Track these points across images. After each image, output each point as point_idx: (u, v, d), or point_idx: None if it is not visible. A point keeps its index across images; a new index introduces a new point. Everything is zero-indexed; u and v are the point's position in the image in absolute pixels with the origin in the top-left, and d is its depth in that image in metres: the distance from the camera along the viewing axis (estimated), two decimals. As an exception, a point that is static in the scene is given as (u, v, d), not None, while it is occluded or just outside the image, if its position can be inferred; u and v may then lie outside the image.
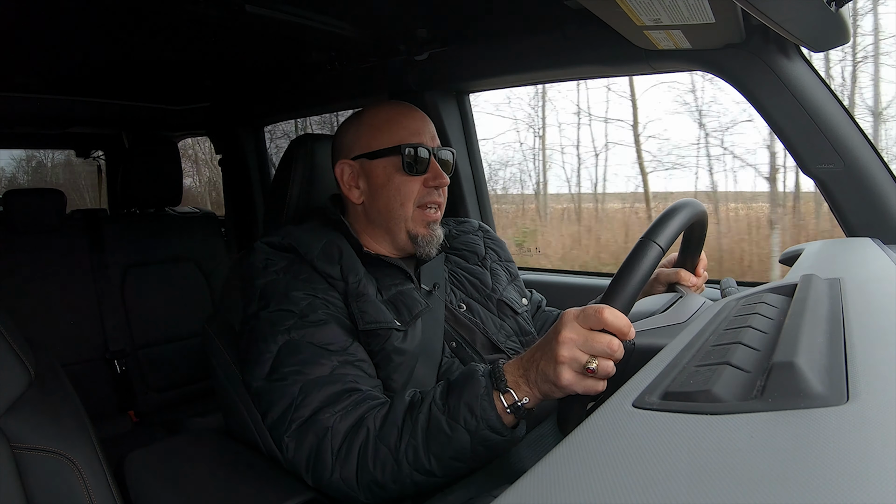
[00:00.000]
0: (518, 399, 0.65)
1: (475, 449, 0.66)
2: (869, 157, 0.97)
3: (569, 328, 0.62)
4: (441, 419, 0.67)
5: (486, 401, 0.65)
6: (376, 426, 0.71)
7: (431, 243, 0.93)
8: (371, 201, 0.93)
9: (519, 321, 1.00)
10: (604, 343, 0.61)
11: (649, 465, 0.28)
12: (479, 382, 0.67)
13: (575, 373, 0.62)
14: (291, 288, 0.83)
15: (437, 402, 0.68)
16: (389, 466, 0.69)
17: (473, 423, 0.65)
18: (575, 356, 0.61)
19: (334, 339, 0.80)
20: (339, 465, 0.71)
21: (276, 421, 0.76)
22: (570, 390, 0.62)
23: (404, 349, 0.83)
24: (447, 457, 0.67)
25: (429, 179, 0.91)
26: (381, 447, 0.69)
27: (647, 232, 0.68)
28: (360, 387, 0.77)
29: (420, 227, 0.92)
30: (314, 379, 0.76)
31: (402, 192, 0.91)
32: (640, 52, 1.05)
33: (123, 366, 1.86)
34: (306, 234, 0.90)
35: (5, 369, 0.67)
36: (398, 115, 0.93)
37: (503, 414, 0.65)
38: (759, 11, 0.72)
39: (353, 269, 0.87)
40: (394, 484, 0.69)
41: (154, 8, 1.11)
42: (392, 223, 0.92)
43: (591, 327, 0.62)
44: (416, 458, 0.68)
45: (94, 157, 2.62)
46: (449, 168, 0.96)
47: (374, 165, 0.92)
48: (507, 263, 1.09)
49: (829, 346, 0.40)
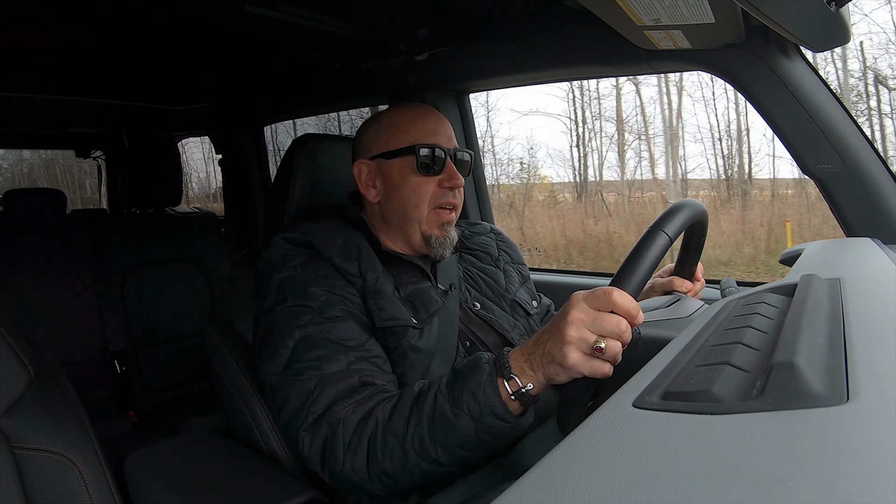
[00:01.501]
0: (522, 385, 0.64)
1: (480, 436, 0.66)
2: (869, 157, 0.97)
3: (577, 308, 0.62)
4: (445, 407, 0.67)
5: (489, 387, 0.65)
6: (385, 417, 0.71)
7: (445, 245, 0.93)
8: (387, 201, 0.93)
9: (530, 322, 1.01)
10: (612, 323, 0.60)
11: (649, 464, 0.28)
12: (483, 369, 0.67)
13: (582, 353, 0.61)
14: (310, 284, 0.83)
15: (442, 391, 0.69)
16: (398, 456, 0.69)
17: (477, 409, 0.65)
18: (583, 336, 0.61)
19: (351, 336, 0.80)
20: (349, 456, 0.71)
21: (292, 416, 0.76)
22: (576, 371, 0.61)
23: (420, 347, 0.83)
24: (452, 444, 0.67)
25: (444, 180, 0.91)
26: (390, 437, 0.69)
27: (655, 221, 0.69)
28: (374, 381, 0.77)
29: (434, 228, 0.92)
30: (330, 374, 0.76)
31: (416, 192, 0.91)
32: (640, 52, 1.05)
33: (123, 366, 1.86)
34: (325, 231, 0.91)
35: (5, 369, 0.67)
36: (415, 116, 0.94)
37: (508, 401, 0.65)
38: (759, 11, 0.72)
39: (371, 266, 0.87)
40: (403, 474, 0.69)
41: (154, 8, 1.11)
42: (406, 223, 0.92)
43: (600, 308, 0.61)
44: (423, 446, 0.68)
45: (94, 157, 2.62)
46: (466, 169, 0.96)
47: (390, 165, 0.92)
48: (519, 266, 1.10)
49: (829, 346, 0.40)
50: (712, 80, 4.77)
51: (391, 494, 0.75)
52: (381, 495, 0.75)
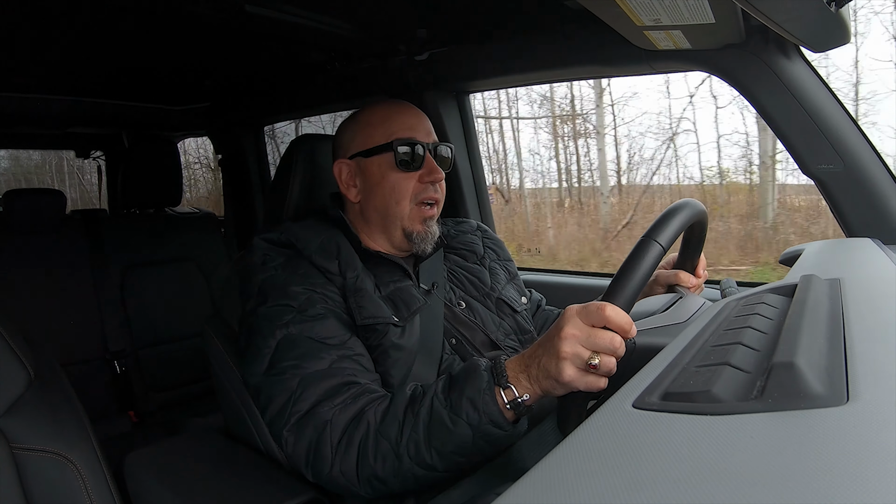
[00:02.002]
0: (518, 395, 0.65)
1: (477, 443, 0.66)
2: (869, 157, 0.97)
3: (571, 324, 0.62)
4: (443, 413, 0.67)
5: (488, 395, 0.65)
6: (377, 420, 0.71)
7: (427, 240, 0.93)
8: (367, 200, 0.93)
9: (518, 319, 1.00)
10: (606, 339, 0.61)
11: (649, 465, 0.28)
12: (482, 377, 0.67)
13: (577, 369, 0.61)
14: (290, 283, 0.83)
15: (438, 396, 0.68)
16: (390, 460, 0.69)
17: (476, 417, 0.65)
18: (577, 352, 0.61)
19: (333, 334, 0.80)
20: (338, 458, 0.71)
21: (274, 416, 0.76)
22: (572, 386, 0.62)
23: (402, 345, 0.83)
24: (448, 451, 0.67)
25: (423, 175, 0.91)
26: (382, 441, 0.69)
27: (648, 231, 0.68)
28: (358, 380, 0.77)
29: (416, 223, 0.92)
30: (312, 373, 0.76)
31: (396, 189, 0.90)
32: (640, 53, 1.05)
33: (123, 366, 1.86)
34: (304, 230, 0.91)
35: (5, 369, 0.67)
36: (391, 112, 0.93)
37: (503, 409, 0.65)
38: (759, 11, 0.72)
39: (350, 265, 0.87)
40: (395, 478, 0.69)
41: (154, 8, 1.11)
42: (388, 221, 0.92)
43: (594, 324, 0.62)
44: (418, 452, 0.68)
45: (94, 157, 2.62)
46: (447, 164, 0.95)
47: (369, 163, 0.92)
48: (506, 262, 1.09)
49: (829, 347, 0.40)
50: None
51: (378, 498, 0.75)
52: (368, 498, 0.74)
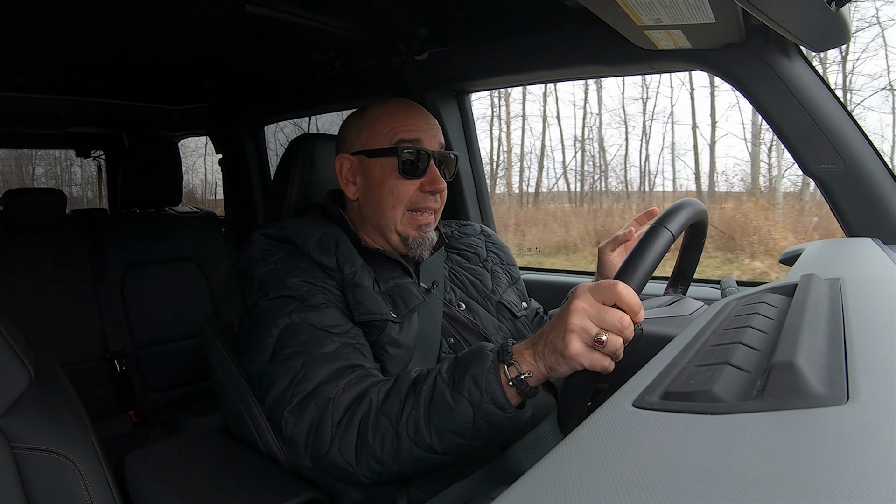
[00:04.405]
0: (521, 372, 0.64)
1: (477, 423, 0.65)
2: (869, 157, 0.97)
3: (582, 298, 0.62)
4: (445, 391, 0.66)
5: (492, 374, 0.65)
6: (379, 399, 0.70)
7: (423, 245, 0.92)
8: (365, 199, 0.93)
9: (517, 325, 0.99)
10: (616, 317, 0.60)
11: (649, 465, 0.28)
12: (487, 357, 0.66)
13: (583, 343, 0.61)
14: (290, 276, 0.83)
15: (442, 376, 0.68)
16: (389, 439, 0.68)
17: (478, 395, 0.65)
18: (585, 326, 0.61)
19: (335, 322, 0.79)
20: (338, 437, 0.70)
21: (277, 398, 0.75)
22: (577, 362, 0.61)
23: (400, 341, 0.83)
24: (449, 430, 0.66)
25: (425, 184, 0.90)
26: (383, 419, 0.69)
27: (659, 218, 0.70)
28: (363, 363, 0.76)
29: (411, 229, 0.91)
30: (318, 355, 0.75)
31: (395, 194, 0.90)
32: (641, 52, 1.05)
33: (123, 366, 1.86)
34: (303, 226, 0.90)
35: (5, 369, 0.67)
36: (399, 113, 0.92)
37: (506, 388, 0.65)
38: (759, 11, 0.72)
39: (349, 260, 0.87)
40: (393, 458, 0.68)
41: (154, 8, 1.11)
42: (382, 223, 0.92)
43: (604, 301, 0.61)
44: (417, 430, 0.67)
45: (94, 157, 2.62)
46: (451, 169, 0.95)
47: (371, 164, 0.91)
48: (510, 267, 1.09)
49: (829, 346, 0.40)
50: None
51: (373, 494, 0.74)
52: (364, 491, 0.74)
